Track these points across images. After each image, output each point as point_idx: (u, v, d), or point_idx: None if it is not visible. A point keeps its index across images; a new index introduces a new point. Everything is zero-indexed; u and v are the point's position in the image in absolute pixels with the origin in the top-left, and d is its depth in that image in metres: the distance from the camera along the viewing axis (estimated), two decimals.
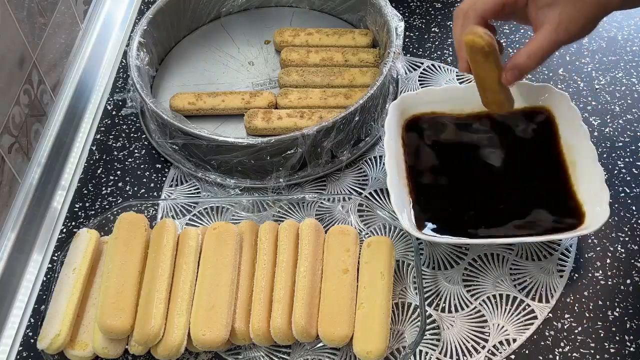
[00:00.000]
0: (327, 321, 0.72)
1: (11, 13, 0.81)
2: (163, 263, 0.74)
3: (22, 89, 0.84)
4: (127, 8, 1.11)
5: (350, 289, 0.74)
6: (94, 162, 0.91)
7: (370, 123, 0.89)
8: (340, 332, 0.71)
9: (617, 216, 0.83)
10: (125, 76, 1.00)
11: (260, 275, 0.75)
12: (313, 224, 0.77)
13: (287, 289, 0.73)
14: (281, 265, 0.75)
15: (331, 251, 0.76)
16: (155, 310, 0.71)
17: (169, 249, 0.75)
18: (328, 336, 0.71)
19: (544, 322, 0.75)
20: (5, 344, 0.76)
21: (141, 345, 0.71)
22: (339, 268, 0.75)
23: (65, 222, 0.85)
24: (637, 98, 0.94)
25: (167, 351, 0.70)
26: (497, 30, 0.76)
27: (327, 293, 0.74)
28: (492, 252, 0.80)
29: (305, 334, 0.71)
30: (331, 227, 0.79)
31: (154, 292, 0.72)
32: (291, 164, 0.84)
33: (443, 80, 0.97)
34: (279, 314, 0.71)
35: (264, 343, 0.72)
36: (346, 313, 0.72)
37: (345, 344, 0.72)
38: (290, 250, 0.76)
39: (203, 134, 0.83)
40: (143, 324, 0.70)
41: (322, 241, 0.78)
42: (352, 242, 0.77)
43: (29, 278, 0.82)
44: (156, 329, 0.70)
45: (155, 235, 0.77)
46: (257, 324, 0.71)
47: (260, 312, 0.72)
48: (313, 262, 0.75)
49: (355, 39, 0.99)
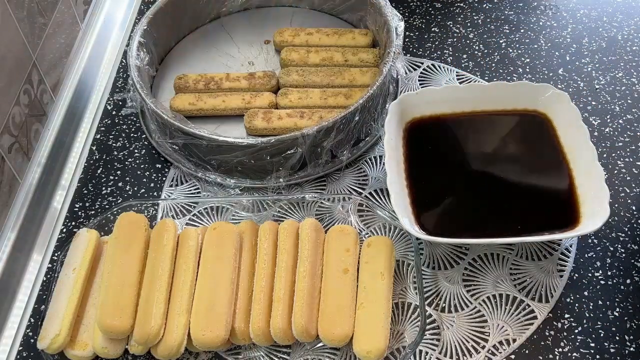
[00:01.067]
0: (327, 321, 0.72)
1: (11, 13, 0.81)
2: (163, 263, 0.74)
3: (22, 89, 0.84)
4: (127, 8, 1.11)
5: (350, 289, 0.74)
6: (94, 162, 0.91)
7: (370, 123, 0.89)
8: (340, 332, 0.71)
9: (617, 216, 0.83)
10: (125, 76, 1.00)
11: (261, 275, 0.75)
12: (313, 224, 0.77)
13: (287, 289, 0.73)
14: (281, 265, 0.75)
15: (331, 251, 0.76)
16: (155, 310, 0.71)
17: (169, 248, 0.75)
18: (328, 336, 0.71)
19: (544, 322, 0.75)
20: (5, 344, 0.76)
21: (141, 345, 0.71)
22: (339, 268, 0.75)
23: (65, 222, 0.85)
24: (637, 98, 0.94)
25: (167, 351, 0.70)
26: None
27: (327, 293, 0.74)
28: (492, 252, 0.80)
29: (305, 333, 0.71)
30: (331, 227, 0.79)
31: (154, 292, 0.72)
32: (291, 164, 0.84)
33: (443, 80, 0.97)
34: (279, 313, 0.71)
35: (264, 343, 0.72)
36: (346, 313, 0.72)
37: (345, 344, 0.72)
38: (290, 250, 0.76)
39: (203, 133, 0.83)
40: (143, 324, 0.70)
41: (322, 241, 0.78)
42: (352, 242, 0.77)
43: (29, 278, 0.82)
44: (156, 329, 0.70)
45: (155, 235, 0.77)
46: (257, 324, 0.71)
47: (260, 312, 0.72)
48: (313, 262, 0.75)
49: (355, 38, 0.99)
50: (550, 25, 1.04)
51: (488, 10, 1.07)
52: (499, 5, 1.08)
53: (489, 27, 1.04)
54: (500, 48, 1.01)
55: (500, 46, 1.01)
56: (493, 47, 1.01)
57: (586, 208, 0.77)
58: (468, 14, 1.06)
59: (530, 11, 1.06)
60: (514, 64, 0.99)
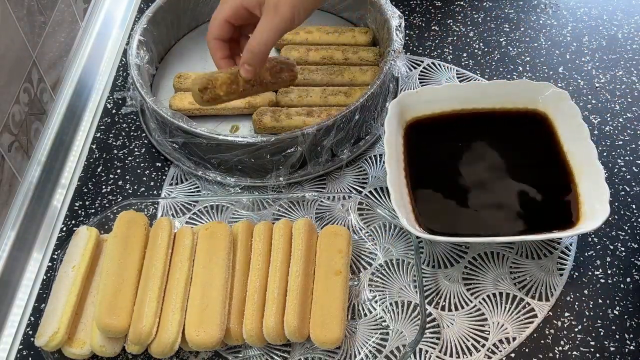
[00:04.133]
0: (319, 324, 0.71)
1: (11, 12, 0.81)
2: (157, 262, 0.74)
3: (22, 88, 0.84)
4: (127, 6, 1.11)
5: (342, 291, 0.74)
6: (94, 160, 0.91)
7: (371, 122, 0.89)
8: (331, 335, 0.71)
9: (617, 214, 0.83)
10: (125, 75, 1.00)
11: (255, 275, 0.74)
12: (306, 224, 0.77)
13: (280, 290, 0.73)
14: (275, 264, 0.75)
15: (323, 252, 0.76)
16: (147, 310, 0.71)
17: (163, 247, 0.75)
18: (320, 339, 0.71)
19: (543, 320, 0.75)
20: (6, 342, 0.76)
21: (136, 345, 0.71)
22: (332, 270, 0.75)
23: (65, 221, 0.85)
24: (637, 96, 0.94)
25: (161, 348, 0.70)
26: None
27: (319, 295, 0.73)
28: (492, 250, 0.80)
29: (297, 334, 0.70)
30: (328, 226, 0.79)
31: (147, 291, 0.72)
32: (291, 163, 0.84)
33: (443, 79, 0.97)
34: (272, 313, 0.71)
35: (257, 344, 0.72)
36: (338, 316, 0.72)
37: (336, 346, 0.72)
38: (284, 250, 0.75)
39: (203, 132, 0.83)
40: (136, 323, 0.70)
41: (314, 241, 0.77)
42: (344, 243, 0.77)
43: (29, 276, 0.82)
44: (147, 328, 0.70)
45: (152, 234, 0.77)
46: (250, 325, 0.71)
47: (254, 313, 0.72)
48: (306, 263, 0.75)
49: (356, 37, 0.99)
50: (551, 23, 1.04)
51: (488, 8, 1.07)
52: (499, 3, 1.07)
53: (489, 26, 1.04)
54: (501, 46, 1.01)
55: (501, 44, 1.01)
56: (493, 46, 1.01)
57: (586, 207, 0.77)
58: (468, 12, 1.06)
59: (530, 9, 1.06)
60: (514, 63, 0.99)
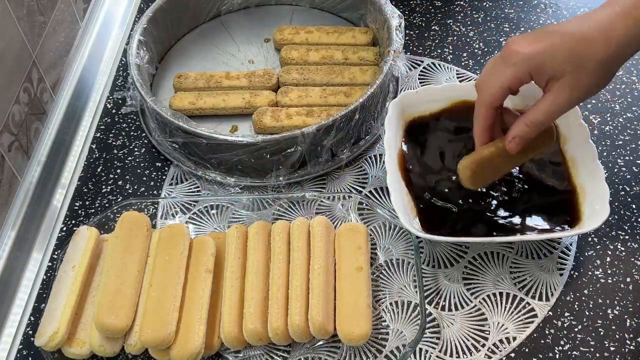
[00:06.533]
0: (346, 321, 0.71)
1: (11, 11, 0.81)
2: (180, 270, 0.74)
3: (21, 87, 0.84)
4: (126, 6, 1.11)
5: (366, 287, 0.74)
6: (94, 160, 0.91)
7: (370, 121, 0.89)
8: (360, 330, 0.71)
9: (617, 214, 0.82)
10: (125, 74, 1.00)
11: (277, 275, 0.74)
12: (323, 222, 0.78)
13: (303, 287, 0.73)
14: (295, 262, 0.75)
15: (343, 249, 0.77)
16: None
17: (185, 256, 0.75)
18: (347, 335, 0.71)
19: (544, 320, 0.75)
20: (6, 342, 0.76)
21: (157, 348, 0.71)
22: (353, 266, 0.75)
23: (65, 221, 0.85)
24: (637, 96, 0.94)
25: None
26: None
27: (344, 292, 0.73)
28: (492, 250, 0.80)
29: (322, 330, 0.71)
30: (335, 225, 0.80)
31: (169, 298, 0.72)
32: (291, 163, 0.84)
33: (443, 79, 0.97)
34: (296, 311, 0.71)
35: (282, 342, 0.72)
36: (364, 311, 0.72)
37: (364, 342, 0.72)
38: (303, 249, 0.76)
39: (203, 132, 0.83)
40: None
41: (332, 238, 0.78)
42: (363, 239, 0.77)
43: (29, 276, 0.82)
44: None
45: (167, 237, 0.76)
46: (276, 323, 0.71)
47: (279, 311, 0.72)
48: (326, 259, 0.75)
49: (356, 37, 0.99)
50: (551, 23, 1.04)
51: (488, 8, 1.07)
52: (499, 3, 1.07)
53: (489, 26, 1.04)
54: (501, 46, 1.01)
55: (501, 44, 1.01)
56: (493, 46, 1.01)
57: (586, 206, 0.77)
58: (468, 12, 1.06)
59: (530, 9, 1.06)
60: None
